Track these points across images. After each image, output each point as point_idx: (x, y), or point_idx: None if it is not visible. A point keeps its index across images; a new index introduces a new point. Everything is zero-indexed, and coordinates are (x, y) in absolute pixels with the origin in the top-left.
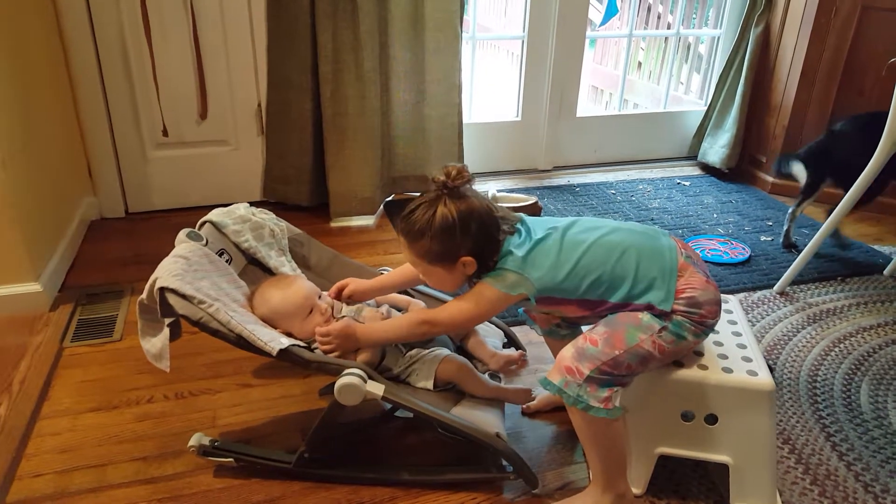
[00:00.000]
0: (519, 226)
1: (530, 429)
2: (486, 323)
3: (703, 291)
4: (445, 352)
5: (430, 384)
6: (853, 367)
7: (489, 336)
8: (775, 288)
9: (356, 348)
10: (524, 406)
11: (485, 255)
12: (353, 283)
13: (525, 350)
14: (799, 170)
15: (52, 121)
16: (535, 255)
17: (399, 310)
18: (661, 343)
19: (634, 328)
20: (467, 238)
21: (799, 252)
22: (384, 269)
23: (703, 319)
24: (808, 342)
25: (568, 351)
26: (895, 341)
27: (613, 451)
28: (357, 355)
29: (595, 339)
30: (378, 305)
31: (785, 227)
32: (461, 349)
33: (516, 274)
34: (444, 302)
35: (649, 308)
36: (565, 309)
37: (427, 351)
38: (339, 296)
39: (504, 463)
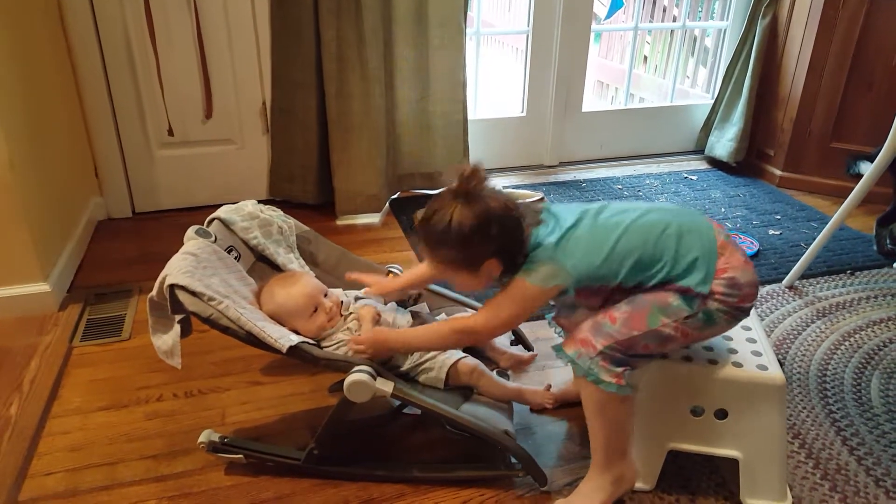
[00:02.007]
0: (545, 215)
1: (539, 425)
2: None
3: (743, 272)
4: (459, 353)
5: (440, 384)
6: (863, 361)
7: None
8: (784, 282)
9: (389, 356)
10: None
11: (510, 254)
12: (375, 286)
13: (533, 348)
14: (868, 170)
15: (58, 122)
16: (567, 243)
17: (404, 306)
18: (685, 328)
19: (659, 310)
20: (488, 242)
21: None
22: (392, 267)
23: (741, 304)
24: (817, 336)
25: (586, 324)
26: None
27: (618, 429)
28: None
29: (615, 317)
30: (385, 303)
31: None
32: (470, 349)
33: (550, 265)
34: (446, 297)
35: (686, 291)
36: (599, 300)
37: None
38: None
39: (512, 459)
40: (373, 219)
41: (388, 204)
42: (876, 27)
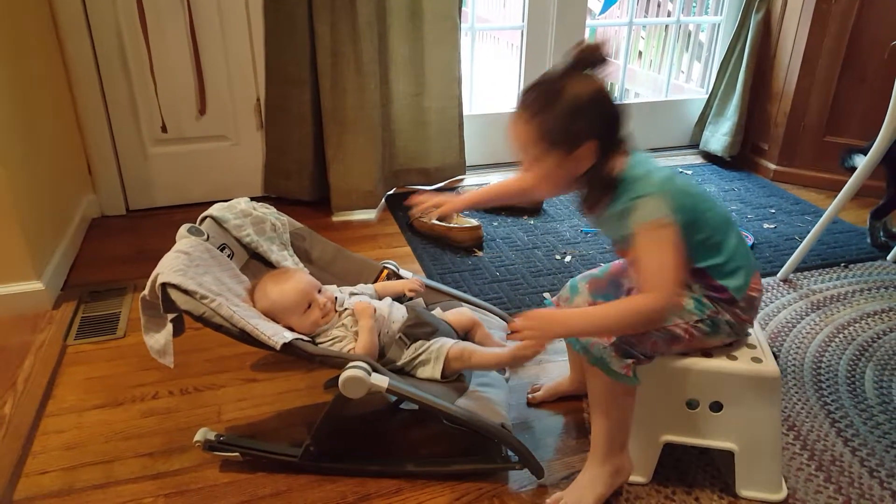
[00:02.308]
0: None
1: (536, 419)
2: (488, 313)
3: (760, 295)
4: (450, 341)
5: (438, 375)
6: (857, 353)
7: (493, 328)
8: (779, 275)
9: (557, 337)
10: (530, 396)
11: (610, 145)
12: (447, 204)
13: None
14: (862, 163)
15: (50, 119)
16: (671, 186)
17: (399, 301)
18: (694, 331)
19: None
20: (597, 121)
21: (890, 249)
22: (387, 263)
23: (748, 321)
24: (812, 329)
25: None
26: None
27: (621, 421)
28: (357, 344)
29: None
30: (380, 298)
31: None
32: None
33: (660, 196)
34: (441, 292)
35: (719, 290)
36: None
37: (432, 342)
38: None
39: (509, 453)
40: (369, 215)
41: (384, 200)
42: (868, 21)
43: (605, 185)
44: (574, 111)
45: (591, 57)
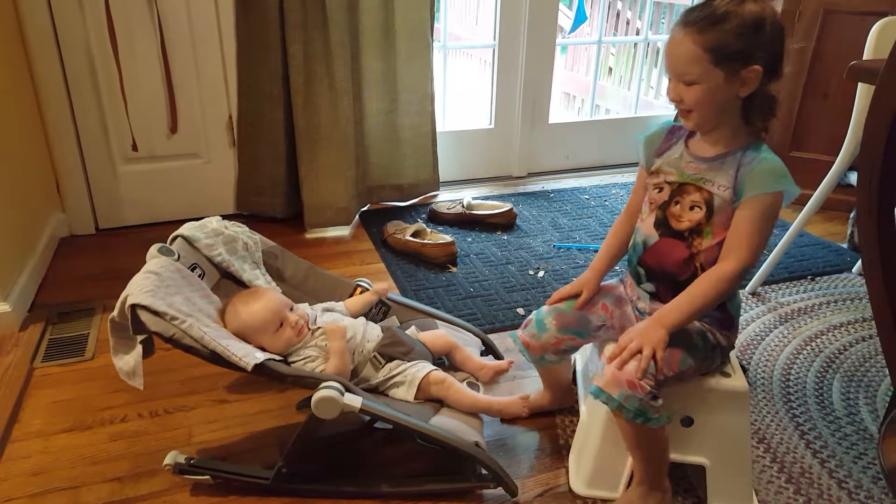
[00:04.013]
0: None
1: (510, 436)
2: (462, 331)
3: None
4: (429, 366)
5: (410, 397)
6: (825, 365)
7: (468, 346)
8: (747, 288)
9: (663, 341)
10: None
11: (769, 80)
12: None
13: (504, 358)
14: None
15: (18, 137)
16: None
17: (373, 320)
18: (699, 367)
19: (688, 354)
20: (770, 44)
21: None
22: (361, 281)
23: (732, 344)
24: (780, 341)
25: (630, 365)
26: (865, 338)
27: (661, 452)
28: (328, 366)
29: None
30: (354, 317)
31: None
32: (444, 365)
33: (786, 171)
34: (415, 309)
35: (722, 308)
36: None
37: (409, 364)
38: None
39: (484, 471)
40: (342, 231)
41: (357, 216)
42: (831, 38)
43: (764, 115)
44: (752, 29)
45: None
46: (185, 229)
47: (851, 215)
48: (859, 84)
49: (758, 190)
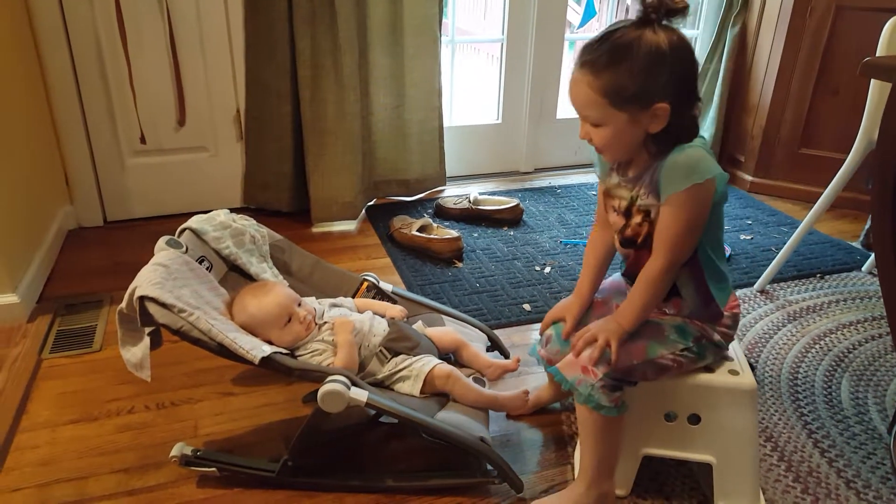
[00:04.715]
0: None
1: (515, 432)
2: (468, 326)
3: (739, 311)
4: (435, 360)
5: (416, 392)
6: (833, 363)
7: (474, 341)
8: (755, 286)
9: (620, 339)
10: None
11: (681, 111)
12: (569, 316)
13: (510, 354)
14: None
15: (27, 130)
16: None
17: (382, 316)
18: (681, 359)
19: (657, 344)
20: (672, 80)
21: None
22: (367, 275)
23: (730, 338)
24: (788, 340)
25: (586, 351)
26: (874, 337)
27: (610, 448)
28: (335, 359)
29: (614, 346)
30: (361, 312)
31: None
32: (450, 362)
33: (713, 159)
34: (421, 304)
35: (708, 301)
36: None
37: (415, 359)
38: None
39: (489, 467)
40: (349, 226)
41: (364, 211)
42: (842, 35)
43: (682, 141)
44: (650, 66)
45: (669, 5)
46: (194, 222)
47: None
48: (872, 81)
49: (669, 189)
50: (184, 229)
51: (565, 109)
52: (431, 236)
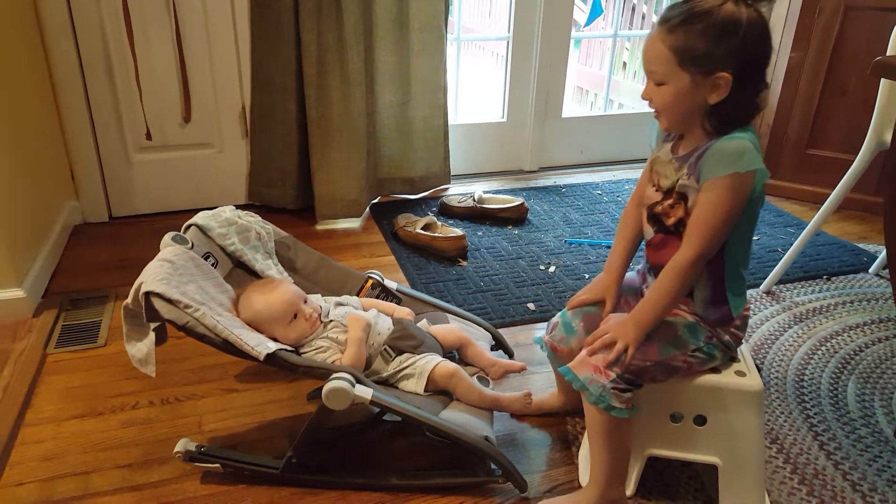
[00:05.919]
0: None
1: (519, 432)
2: (472, 325)
3: (749, 314)
4: (438, 358)
5: (420, 390)
6: (840, 365)
7: (478, 340)
8: (761, 287)
9: (637, 340)
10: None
11: (743, 88)
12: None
13: (514, 353)
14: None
15: (33, 125)
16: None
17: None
18: (691, 360)
19: (669, 345)
20: (740, 53)
21: None
22: (372, 273)
23: (740, 340)
24: (794, 341)
25: (600, 351)
26: (881, 340)
27: (619, 452)
28: (344, 356)
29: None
30: (366, 310)
31: None
32: (454, 360)
33: (759, 155)
34: (426, 302)
35: (721, 304)
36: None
37: (418, 357)
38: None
39: (493, 466)
40: (353, 223)
41: (368, 209)
42: (851, 35)
43: (735, 124)
44: (723, 32)
45: None
46: (199, 218)
47: None
48: (882, 81)
49: (709, 174)
50: (189, 225)
51: (571, 108)
52: (436, 234)
